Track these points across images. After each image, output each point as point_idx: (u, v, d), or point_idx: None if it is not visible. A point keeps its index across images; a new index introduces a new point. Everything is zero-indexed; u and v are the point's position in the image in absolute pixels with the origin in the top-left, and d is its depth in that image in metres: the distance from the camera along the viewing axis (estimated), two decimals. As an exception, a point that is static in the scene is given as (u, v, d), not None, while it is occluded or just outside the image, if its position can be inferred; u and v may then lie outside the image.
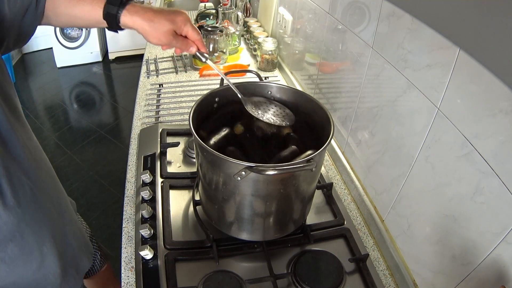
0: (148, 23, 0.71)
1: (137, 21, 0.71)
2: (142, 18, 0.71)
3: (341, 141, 1.08)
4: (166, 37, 0.72)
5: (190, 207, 0.92)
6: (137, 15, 0.71)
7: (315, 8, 1.15)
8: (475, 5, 0.53)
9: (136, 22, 0.71)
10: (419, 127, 0.70)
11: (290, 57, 1.49)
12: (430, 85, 0.66)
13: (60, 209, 0.81)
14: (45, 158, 0.79)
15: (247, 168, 0.63)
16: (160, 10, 0.72)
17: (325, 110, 0.77)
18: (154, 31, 0.71)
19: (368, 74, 0.88)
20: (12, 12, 0.67)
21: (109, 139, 2.75)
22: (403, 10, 0.72)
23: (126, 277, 0.78)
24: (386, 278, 0.81)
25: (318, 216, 0.92)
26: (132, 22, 0.71)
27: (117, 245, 0.91)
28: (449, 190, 0.64)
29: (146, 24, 0.71)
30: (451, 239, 0.64)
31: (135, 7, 0.71)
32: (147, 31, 0.72)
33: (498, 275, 0.54)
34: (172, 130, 1.14)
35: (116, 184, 2.32)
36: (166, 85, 1.44)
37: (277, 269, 0.78)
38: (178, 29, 0.73)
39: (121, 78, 3.65)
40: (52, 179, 0.81)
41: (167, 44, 0.74)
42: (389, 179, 0.83)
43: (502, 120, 0.51)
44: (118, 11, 0.70)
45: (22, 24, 0.71)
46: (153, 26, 0.71)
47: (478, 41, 0.54)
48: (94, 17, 0.73)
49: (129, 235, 0.86)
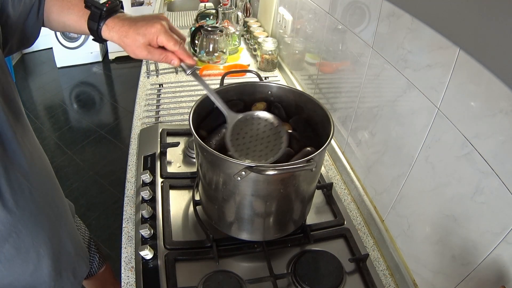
0: (122, 38, 0.69)
1: (114, 37, 0.69)
2: (118, 34, 0.69)
3: (341, 141, 1.08)
4: (141, 51, 0.69)
5: (190, 207, 0.92)
6: (114, 30, 0.69)
7: (315, 8, 1.16)
8: (475, 5, 0.53)
9: (114, 37, 0.70)
10: (419, 127, 0.70)
11: (290, 57, 1.49)
12: (430, 85, 0.66)
13: (57, 211, 0.81)
14: (45, 160, 0.79)
15: (247, 168, 0.63)
16: (135, 22, 0.68)
17: (325, 110, 0.77)
18: (128, 46, 0.69)
19: (368, 74, 0.88)
20: (16, 13, 0.68)
21: (109, 139, 2.75)
22: (403, 10, 0.72)
23: (126, 277, 0.78)
24: (386, 278, 0.81)
25: (318, 216, 0.92)
26: (111, 37, 0.70)
27: (117, 245, 0.91)
28: (449, 190, 0.64)
29: (121, 40, 0.69)
30: (451, 239, 0.64)
31: (113, 21, 0.69)
32: (123, 46, 0.69)
33: (498, 275, 0.54)
34: (172, 130, 1.14)
35: (116, 184, 2.32)
36: (166, 85, 1.44)
37: (277, 269, 0.78)
38: (151, 42, 0.68)
39: (121, 78, 3.65)
40: (51, 181, 0.81)
41: (145, 58, 0.71)
42: (389, 179, 0.83)
43: (502, 120, 0.51)
44: (98, 27, 0.69)
45: (26, 25, 0.71)
46: (126, 42, 0.68)
47: (478, 41, 0.54)
48: (81, 27, 0.73)
49: (129, 235, 0.86)
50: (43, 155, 0.78)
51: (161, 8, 2.20)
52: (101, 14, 0.68)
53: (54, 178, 0.83)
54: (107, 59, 3.81)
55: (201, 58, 1.56)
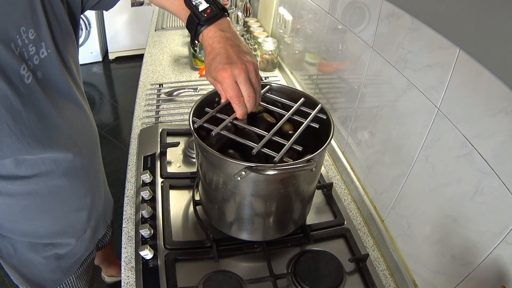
0: (204, 55, 0.70)
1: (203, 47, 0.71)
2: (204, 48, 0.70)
3: (341, 141, 1.08)
4: (207, 77, 0.70)
5: (190, 207, 0.92)
6: (203, 42, 0.70)
7: (315, 8, 1.16)
8: (475, 5, 0.53)
9: None
10: (419, 127, 0.70)
11: (290, 57, 1.49)
12: (430, 85, 0.66)
13: (98, 175, 0.94)
14: (95, 130, 0.92)
15: (247, 168, 0.63)
16: (214, 55, 0.67)
17: (325, 110, 0.77)
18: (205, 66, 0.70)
19: (368, 74, 0.88)
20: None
21: (109, 139, 2.75)
22: (403, 10, 0.72)
23: (126, 277, 0.78)
24: (386, 278, 0.81)
25: (318, 216, 0.92)
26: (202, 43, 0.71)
27: (117, 245, 0.91)
28: (449, 190, 0.64)
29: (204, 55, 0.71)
30: (451, 239, 0.64)
31: (207, 33, 0.69)
32: None
33: (498, 275, 0.54)
34: (172, 130, 1.14)
35: (116, 184, 2.32)
36: (166, 85, 1.44)
37: (277, 269, 0.78)
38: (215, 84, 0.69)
39: (121, 78, 3.64)
40: (97, 147, 0.93)
41: None
42: (389, 179, 0.83)
43: (502, 120, 0.51)
44: (196, 33, 0.70)
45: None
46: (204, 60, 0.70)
47: (478, 41, 0.54)
48: (180, 17, 0.74)
49: (129, 235, 0.86)
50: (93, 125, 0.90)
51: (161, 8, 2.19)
52: (198, 25, 0.69)
53: (99, 146, 0.94)
54: (107, 59, 3.81)
55: (201, 58, 1.56)
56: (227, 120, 0.72)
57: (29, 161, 0.70)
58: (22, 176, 0.72)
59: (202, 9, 0.68)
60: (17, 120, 0.63)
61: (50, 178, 0.76)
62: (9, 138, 0.62)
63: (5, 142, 0.62)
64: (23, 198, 0.76)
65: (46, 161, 0.73)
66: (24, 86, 0.63)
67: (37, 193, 0.77)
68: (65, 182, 0.80)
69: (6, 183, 0.71)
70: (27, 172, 0.72)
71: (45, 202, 0.80)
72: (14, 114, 0.62)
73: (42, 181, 0.75)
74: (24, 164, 0.70)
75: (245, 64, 0.66)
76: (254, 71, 0.68)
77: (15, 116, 0.62)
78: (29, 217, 0.80)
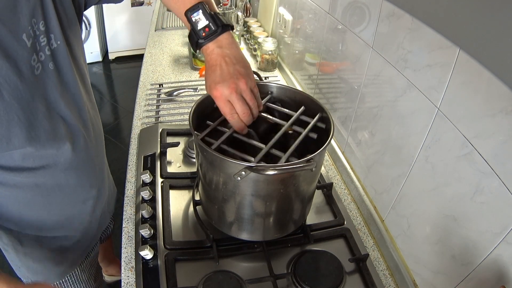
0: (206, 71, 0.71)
1: None
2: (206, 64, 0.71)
3: (341, 141, 1.08)
4: (208, 91, 0.71)
5: (190, 207, 0.92)
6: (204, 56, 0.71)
7: (315, 8, 1.16)
8: (475, 5, 0.53)
9: None
10: (419, 127, 0.70)
11: (290, 57, 1.49)
12: (430, 85, 0.66)
13: (103, 167, 0.97)
14: (100, 123, 0.93)
15: (247, 168, 0.63)
16: (212, 71, 0.68)
17: (325, 110, 0.77)
18: None
19: (368, 74, 0.88)
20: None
21: (109, 139, 2.75)
22: (403, 10, 0.72)
23: (126, 277, 0.78)
24: (386, 278, 0.81)
25: (318, 216, 0.92)
26: None
27: (117, 245, 0.91)
28: (449, 190, 0.64)
29: None
30: (451, 239, 0.64)
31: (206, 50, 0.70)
32: None
33: (498, 275, 0.54)
34: (172, 130, 1.14)
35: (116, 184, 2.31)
36: (166, 85, 1.44)
37: (277, 269, 0.78)
38: None
39: (121, 78, 3.64)
40: (102, 139, 0.95)
41: None
42: (389, 179, 0.83)
43: (502, 120, 0.51)
44: (196, 46, 0.71)
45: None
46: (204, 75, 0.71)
47: (478, 41, 0.54)
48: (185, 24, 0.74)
49: (129, 235, 0.86)
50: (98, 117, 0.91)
51: (161, 8, 2.20)
52: (197, 42, 0.70)
53: (103, 138, 0.96)
54: (107, 59, 3.81)
55: (201, 58, 1.56)
56: (227, 134, 0.73)
57: (36, 153, 0.71)
58: (29, 167, 0.72)
59: (201, 27, 0.69)
60: (26, 111, 0.63)
61: (57, 170, 0.77)
62: (19, 129, 0.63)
63: (14, 132, 0.63)
64: (30, 189, 0.76)
65: (53, 153, 0.74)
66: (34, 77, 0.64)
67: (44, 185, 0.77)
68: (72, 173, 0.81)
69: (13, 175, 0.72)
70: (34, 163, 0.72)
71: (51, 194, 0.80)
72: (23, 105, 0.62)
73: (49, 173, 0.76)
74: (31, 156, 0.71)
75: (236, 83, 0.67)
76: (248, 89, 0.69)
77: (24, 107, 0.63)
78: (35, 209, 0.81)
